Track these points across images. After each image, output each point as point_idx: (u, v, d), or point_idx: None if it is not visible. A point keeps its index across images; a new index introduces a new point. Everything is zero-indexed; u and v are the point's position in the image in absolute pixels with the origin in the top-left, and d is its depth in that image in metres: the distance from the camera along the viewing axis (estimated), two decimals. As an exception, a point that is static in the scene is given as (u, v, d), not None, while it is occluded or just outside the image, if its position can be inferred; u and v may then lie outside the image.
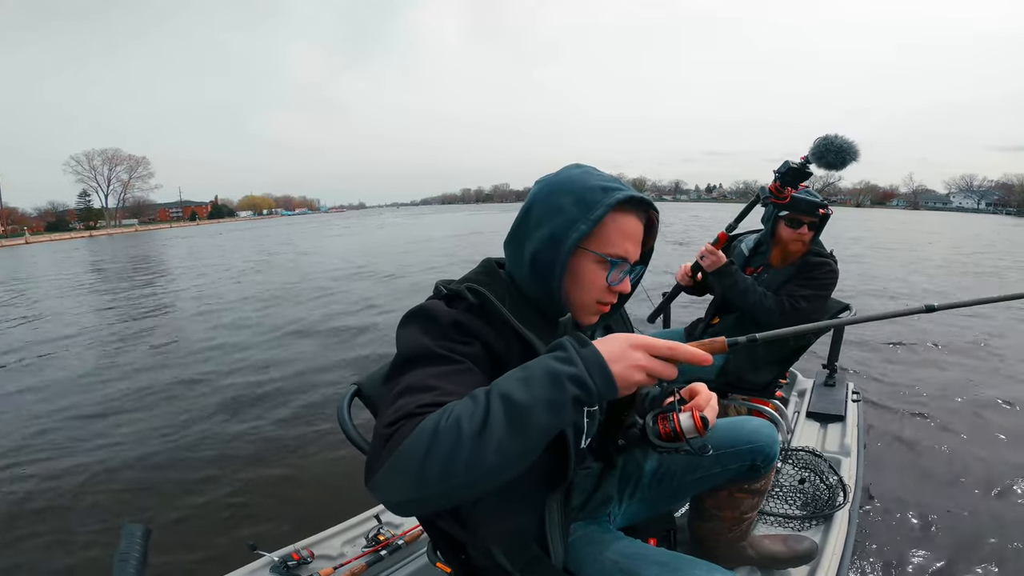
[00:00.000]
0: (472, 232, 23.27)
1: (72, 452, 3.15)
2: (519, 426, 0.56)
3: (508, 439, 0.56)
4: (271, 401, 3.86)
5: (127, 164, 74.16)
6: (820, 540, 1.41)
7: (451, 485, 0.56)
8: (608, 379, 0.59)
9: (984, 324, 5.83)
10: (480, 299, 0.78)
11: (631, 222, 0.81)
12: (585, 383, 0.58)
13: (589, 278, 0.81)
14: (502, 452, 0.56)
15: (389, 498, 0.59)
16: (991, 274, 10.50)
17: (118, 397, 4.08)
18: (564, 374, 0.58)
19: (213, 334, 6.06)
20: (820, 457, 1.75)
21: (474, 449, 0.55)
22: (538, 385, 0.58)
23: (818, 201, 1.84)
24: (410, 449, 0.57)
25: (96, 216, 69.40)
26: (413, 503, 0.59)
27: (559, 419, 0.58)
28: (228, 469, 2.87)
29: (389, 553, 1.49)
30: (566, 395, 0.57)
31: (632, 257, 0.82)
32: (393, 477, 0.58)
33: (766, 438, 1.07)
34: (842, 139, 1.55)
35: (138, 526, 0.84)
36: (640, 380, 0.61)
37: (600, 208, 0.76)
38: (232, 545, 2.11)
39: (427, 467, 0.55)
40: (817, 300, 1.86)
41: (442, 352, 0.70)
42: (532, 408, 0.56)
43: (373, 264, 12.37)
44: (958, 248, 16.49)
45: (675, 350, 0.62)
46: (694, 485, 1.10)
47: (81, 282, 12.19)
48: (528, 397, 0.57)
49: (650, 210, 0.84)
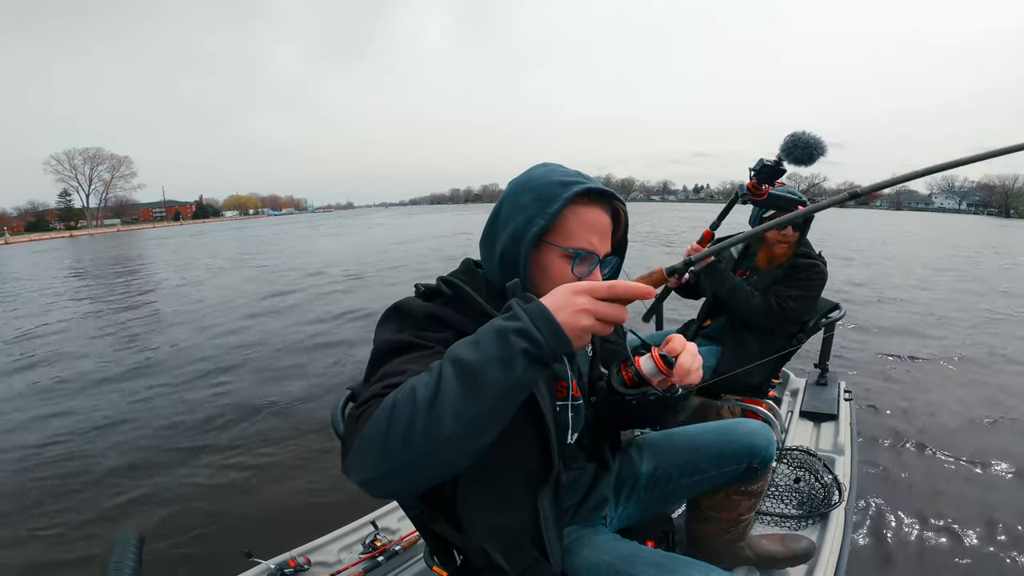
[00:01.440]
0: (459, 232, 23.06)
1: (63, 459, 3.10)
2: (472, 386, 0.56)
3: (463, 401, 0.56)
4: (267, 405, 3.83)
5: (109, 163, 72.57)
6: (817, 539, 1.42)
7: (415, 456, 0.56)
8: (555, 328, 0.58)
9: (982, 324, 5.92)
10: (454, 290, 0.80)
11: (594, 214, 0.81)
12: (531, 335, 0.58)
13: (555, 272, 0.81)
14: (459, 416, 0.56)
15: (361, 476, 0.60)
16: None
17: (103, 404, 4.02)
18: (510, 328, 0.58)
19: (202, 338, 6.00)
20: (815, 456, 1.77)
21: (430, 416, 0.56)
22: (486, 344, 0.58)
23: (796, 197, 1.84)
24: (373, 425, 0.58)
25: (77, 216, 68.19)
26: (382, 479, 0.59)
27: (511, 375, 0.57)
28: (223, 476, 2.84)
29: (386, 559, 1.48)
30: (514, 349, 0.57)
31: (598, 249, 0.82)
32: (361, 456, 0.59)
33: (762, 440, 1.07)
34: (809, 135, 1.57)
35: (131, 535, 0.83)
36: (588, 325, 0.60)
37: (558, 202, 0.78)
38: (228, 553, 2.08)
39: (389, 440, 0.56)
40: (805, 301, 1.88)
41: (415, 340, 0.73)
42: (482, 366, 0.57)
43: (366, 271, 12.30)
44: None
45: (615, 287, 0.61)
46: (690, 488, 1.10)
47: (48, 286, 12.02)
48: (477, 356, 0.57)
49: (615, 202, 0.83)
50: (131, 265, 16.11)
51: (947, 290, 8.41)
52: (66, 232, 56.27)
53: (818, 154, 1.60)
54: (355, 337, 5.75)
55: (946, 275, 10.17)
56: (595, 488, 0.99)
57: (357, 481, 0.61)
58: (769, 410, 2.05)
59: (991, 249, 16.78)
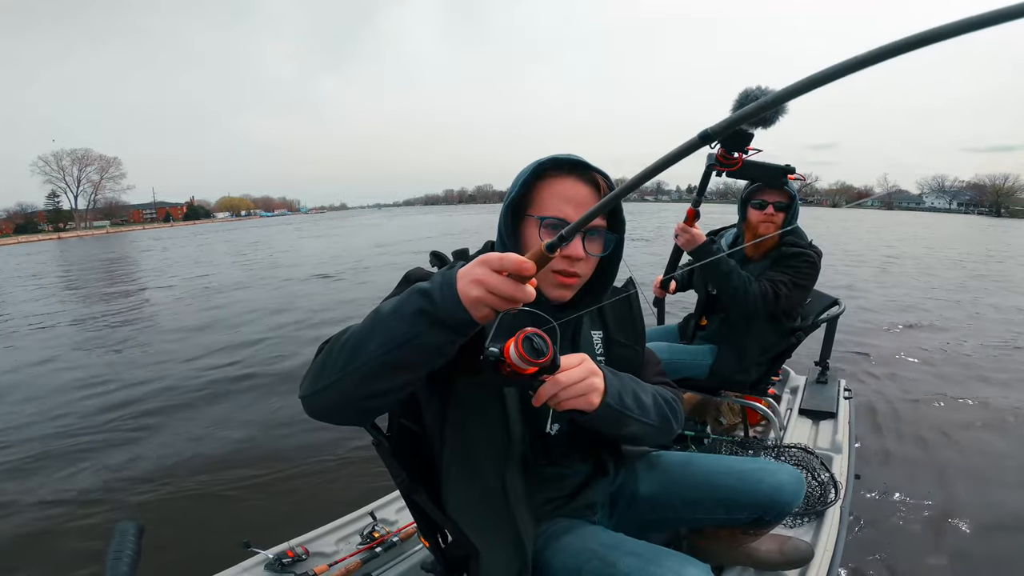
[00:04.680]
0: (444, 233, 22.67)
1: (61, 452, 3.11)
2: (375, 330, 0.65)
3: (368, 341, 0.65)
4: (264, 396, 3.84)
5: (98, 164, 71.00)
6: (812, 536, 1.42)
7: (331, 380, 0.67)
8: (452, 293, 0.61)
9: (980, 324, 5.91)
10: (463, 258, 0.86)
11: (569, 185, 0.82)
12: (432, 296, 0.62)
13: (532, 243, 0.82)
14: (361, 353, 0.65)
15: (300, 392, 0.72)
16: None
17: (106, 395, 4.04)
18: (420, 288, 0.64)
19: (199, 332, 6.01)
20: (812, 454, 1.77)
21: (344, 348, 0.67)
22: (402, 298, 0.65)
23: (780, 165, 1.66)
24: (319, 352, 0.72)
25: (66, 218, 67.34)
26: (309, 398, 0.71)
27: (409, 328, 0.63)
28: (221, 465, 2.85)
29: (384, 550, 1.49)
30: (415, 305, 0.63)
31: (574, 219, 0.74)
32: (306, 377, 0.72)
33: (788, 496, 0.99)
34: (765, 89, 1.43)
35: (131, 523, 0.83)
36: (478, 296, 0.59)
37: (526, 174, 0.82)
38: (226, 542, 2.09)
39: (320, 367, 0.69)
40: (797, 289, 1.76)
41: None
42: (389, 315, 0.65)
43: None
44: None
45: (504, 258, 0.58)
46: (692, 522, 1.07)
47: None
48: (388, 306, 0.66)
49: (595, 174, 0.83)
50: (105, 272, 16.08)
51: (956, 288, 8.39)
52: (54, 234, 55.78)
53: (773, 115, 1.45)
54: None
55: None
56: (585, 489, 0.97)
57: (300, 396, 0.72)
58: (768, 407, 2.05)
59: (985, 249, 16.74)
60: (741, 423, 2.20)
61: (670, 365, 1.88)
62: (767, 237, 1.81)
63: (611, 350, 0.96)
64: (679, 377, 1.91)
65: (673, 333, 2.11)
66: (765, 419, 2.13)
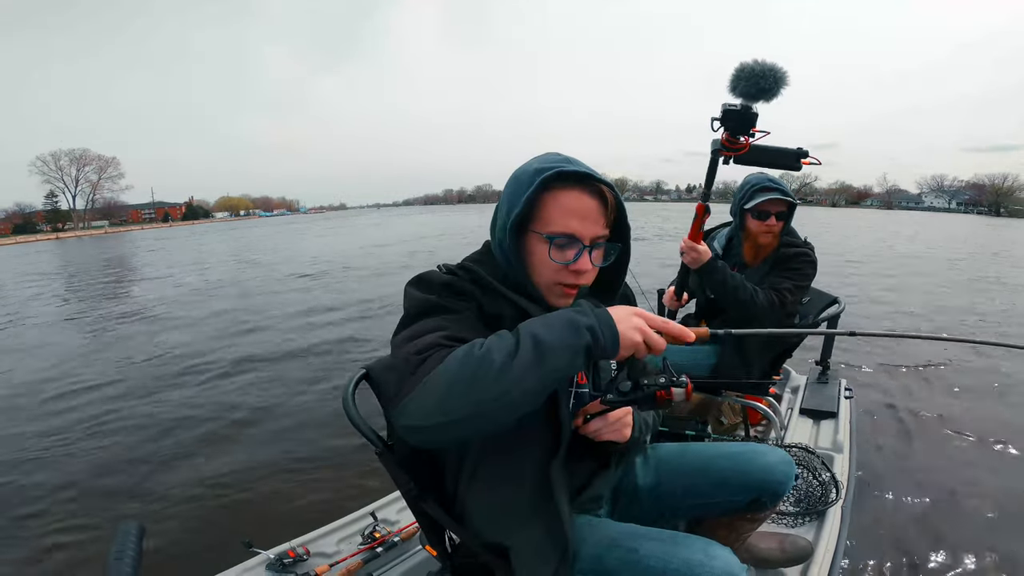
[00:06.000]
0: (439, 234, 22.74)
1: (65, 449, 3.11)
2: (541, 361, 0.63)
3: (529, 372, 0.63)
4: (268, 397, 3.84)
5: (96, 164, 71.22)
6: (813, 536, 1.42)
7: (472, 408, 0.63)
8: (615, 335, 0.67)
9: (983, 322, 5.91)
10: (471, 273, 0.84)
11: (574, 198, 0.80)
12: (597, 334, 0.66)
13: (539, 259, 0.83)
14: (521, 382, 0.63)
15: (412, 422, 0.67)
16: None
17: (107, 397, 4.04)
18: (582, 323, 0.66)
19: (198, 334, 6.01)
20: (813, 454, 1.77)
21: (501, 375, 0.62)
22: (559, 329, 0.66)
23: (794, 150, 1.54)
24: (444, 371, 0.65)
25: (64, 218, 67.32)
26: (433, 428, 0.66)
27: (574, 360, 0.65)
28: (223, 466, 2.86)
29: (385, 550, 1.49)
30: (582, 341, 0.65)
31: (581, 232, 0.80)
32: (422, 400, 0.65)
33: (780, 475, 1.01)
34: (760, 64, 1.36)
35: (133, 524, 0.83)
36: (637, 342, 0.69)
37: (530, 188, 0.79)
38: (227, 542, 2.09)
39: (455, 387, 0.63)
40: (799, 291, 1.78)
41: (443, 303, 0.79)
42: (554, 347, 0.64)
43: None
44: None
45: (667, 325, 0.72)
46: (692, 510, 1.08)
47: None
48: (553, 338, 0.65)
49: (601, 186, 0.81)
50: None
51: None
52: (52, 234, 55.64)
53: (773, 85, 1.37)
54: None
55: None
56: (591, 483, 0.98)
57: (406, 426, 0.68)
58: (769, 407, 2.05)
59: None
60: (742, 423, 2.20)
61: (671, 367, 1.87)
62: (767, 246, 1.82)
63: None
64: (683, 372, 1.90)
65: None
66: (766, 419, 2.12)
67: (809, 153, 1.55)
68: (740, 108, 1.43)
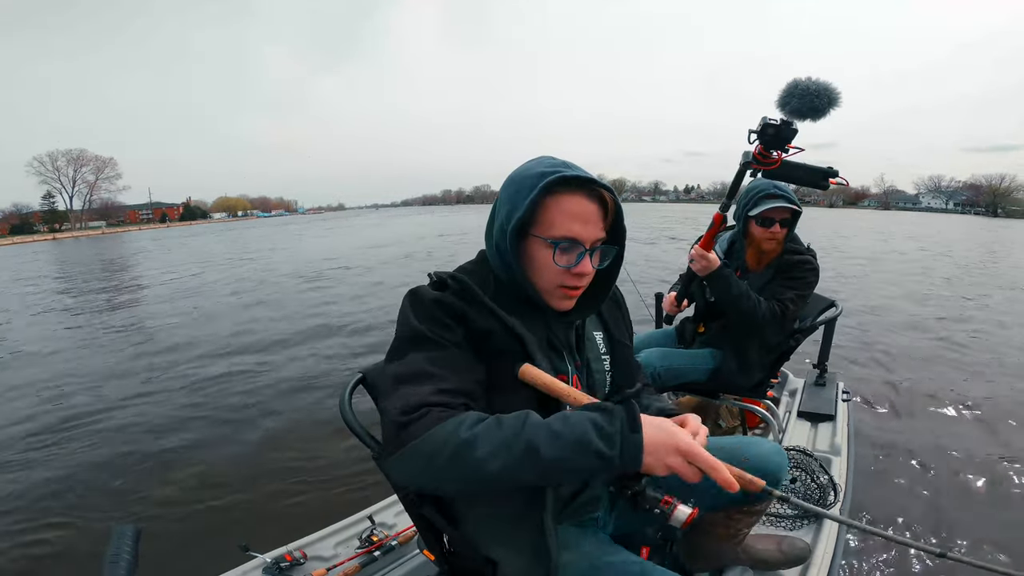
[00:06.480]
0: (437, 235, 22.61)
1: (59, 452, 3.10)
2: (530, 467, 0.65)
3: (516, 471, 0.65)
4: (263, 399, 3.83)
5: (93, 165, 71.05)
6: (812, 539, 1.42)
7: (453, 480, 0.68)
8: (636, 462, 0.66)
9: (978, 322, 5.93)
10: (461, 284, 0.84)
11: (576, 202, 0.81)
12: (611, 463, 0.65)
13: (541, 262, 0.83)
14: (506, 477, 0.66)
15: (399, 479, 0.77)
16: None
17: (102, 397, 4.03)
18: (595, 450, 0.65)
19: (197, 336, 6.00)
20: (811, 456, 1.77)
21: (478, 467, 0.65)
22: (567, 447, 0.65)
23: (823, 168, 1.54)
24: (426, 446, 0.67)
25: (61, 218, 67.13)
26: (416, 486, 0.76)
27: (569, 479, 0.70)
28: (220, 469, 2.85)
29: (382, 554, 1.48)
30: (586, 465, 0.65)
31: (583, 236, 0.81)
32: (408, 463, 0.69)
33: (773, 466, 1.01)
34: (814, 80, 1.37)
35: (129, 526, 0.83)
36: (663, 472, 0.67)
37: (533, 192, 0.79)
38: (224, 546, 2.09)
39: (436, 464, 0.66)
40: (802, 301, 1.79)
41: (431, 336, 0.78)
42: (551, 464, 0.65)
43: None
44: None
45: (716, 468, 0.66)
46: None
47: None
48: (552, 455, 0.65)
49: (601, 190, 0.82)
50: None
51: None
52: (49, 235, 55.48)
53: (826, 105, 1.38)
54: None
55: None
56: (589, 485, 0.98)
57: (394, 480, 0.77)
58: (767, 410, 2.05)
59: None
60: (740, 426, 2.20)
61: (671, 370, 1.87)
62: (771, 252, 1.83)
63: (615, 350, 1.01)
64: (680, 382, 1.91)
65: (671, 336, 2.11)
66: (764, 422, 2.12)
67: (839, 173, 1.55)
68: (780, 123, 1.44)
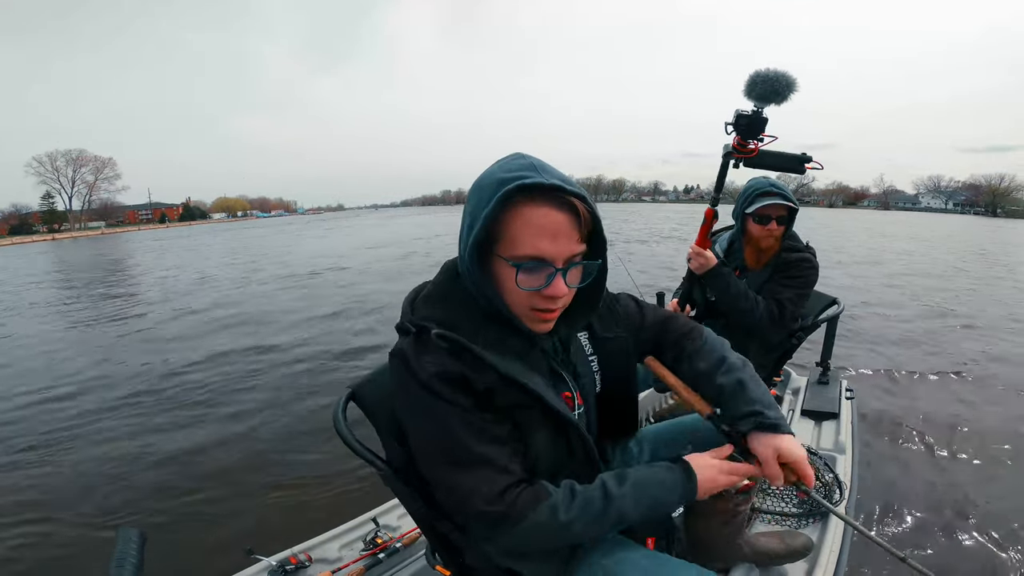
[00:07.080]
0: (435, 235, 22.36)
1: (65, 454, 3.10)
2: (616, 528, 0.79)
3: (604, 532, 0.80)
4: (267, 405, 3.83)
5: (92, 165, 71.27)
6: (817, 538, 1.41)
7: (550, 543, 0.78)
8: (694, 491, 0.81)
9: (978, 321, 5.92)
10: (450, 344, 0.73)
11: (542, 214, 0.68)
12: (671, 507, 0.83)
13: (508, 285, 0.73)
14: (596, 533, 0.78)
15: (496, 552, 0.82)
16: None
17: (104, 399, 4.03)
18: (665, 503, 0.81)
19: (198, 339, 6.00)
20: (815, 455, 1.77)
21: (579, 537, 0.78)
22: (646, 510, 0.79)
23: (799, 155, 1.62)
24: (528, 533, 0.73)
25: (60, 219, 67.29)
26: (513, 553, 0.83)
27: (652, 513, 0.80)
28: (225, 473, 2.84)
29: (387, 556, 1.48)
30: (661, 516, 0.82)
31: (552, 255, 0.70)
32: (512, 543, 0.76)
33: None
34: (773, 70, 1.46)
35: (134, 530, 0.83)
36: (713, 489, 0.83)
37: (490, 204, 0.68)
38: (229, 549, 2.08)
39: (538, 542, 0.76)
40: (801, 299, 1.80)
41: (455, 414, 0.73)
42: (635, 520, 0.79)
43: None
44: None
45: (742, 472, 0.85)
46: None
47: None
48: (636, 518, 0.79)
49: (571, 197, 0.69)
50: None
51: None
52: (48, 235, 55.60)
53: (785, 89, 1.46)
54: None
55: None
56: None
57: (496, 551, 0.82)
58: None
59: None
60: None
61: None
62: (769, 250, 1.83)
63: (601, 347, 0.94)
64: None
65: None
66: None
67: (813, 158, 1.66)
68: (751, 114, 1.52)
